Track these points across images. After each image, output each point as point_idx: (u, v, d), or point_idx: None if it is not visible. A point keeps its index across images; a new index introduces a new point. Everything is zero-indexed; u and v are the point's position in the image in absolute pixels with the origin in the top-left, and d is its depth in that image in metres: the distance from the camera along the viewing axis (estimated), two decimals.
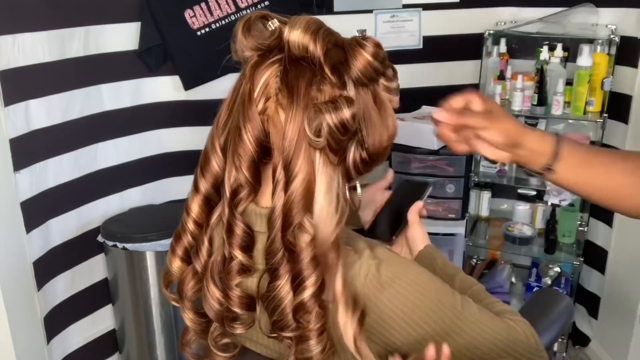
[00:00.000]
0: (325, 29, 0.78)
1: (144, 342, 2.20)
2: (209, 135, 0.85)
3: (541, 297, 1.29)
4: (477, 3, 2.33)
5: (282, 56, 0.78)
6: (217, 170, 0.83)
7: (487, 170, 2.32)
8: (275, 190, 0.77)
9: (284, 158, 0.76)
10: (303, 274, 0.75)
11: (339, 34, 0.81)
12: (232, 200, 0.80)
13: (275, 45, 0.79)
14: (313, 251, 0.76)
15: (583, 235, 2.30)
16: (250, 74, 0.79)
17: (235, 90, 0.83)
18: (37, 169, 1.90)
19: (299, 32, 0.76)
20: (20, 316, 1.84)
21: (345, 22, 2.24)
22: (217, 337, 0.90)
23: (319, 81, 0.77)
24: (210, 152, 0.83)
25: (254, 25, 0.79)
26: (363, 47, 0.79)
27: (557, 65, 2.18)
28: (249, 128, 0.78)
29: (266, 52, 0.79)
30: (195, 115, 2.25)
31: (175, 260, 0.88)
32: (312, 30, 0.76)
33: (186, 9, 2.15)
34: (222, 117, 0.83)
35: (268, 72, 0.78)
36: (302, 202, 0.75)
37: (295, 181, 0.75)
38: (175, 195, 2.35)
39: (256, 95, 0.77)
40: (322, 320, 0.77)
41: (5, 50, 1.76)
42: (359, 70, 0.78)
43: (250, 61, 0.80)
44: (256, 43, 0.79)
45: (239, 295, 0.81)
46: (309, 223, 0.76)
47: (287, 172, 0.76)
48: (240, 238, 0.80)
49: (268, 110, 0.78)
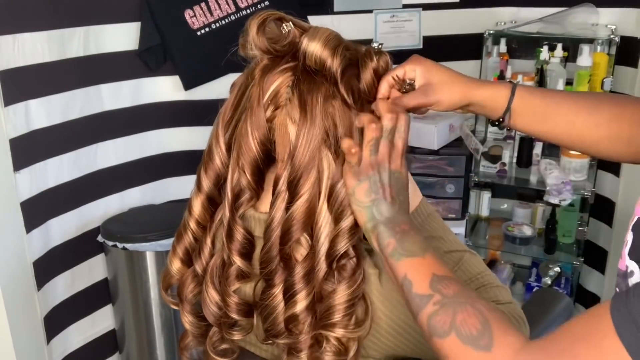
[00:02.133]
0: (344, 45, 0.77)
1: (144, 342, 2.20)
2: (212, 133, 0.83)
3: (541, 297, 1.29)
4: (477, 3, 2.33)
5: (295, 65, 0.76)
6: (220, 167, 0.82)
7: (487, 170, 2.32)
8: (275, 201, 0.76)
9: (290, 174, 0.75)
10: (295, 288, 0.75)
11: (355, 48, 0.80)
12: (234, 203, 0.79)
13: (289, 51, 0.77)
14: (307, 267, 0.75)
15: (583, 235, 2.30)
16: (259, 76, 0.77)
17: (240, 89, 0.81)
18: (37, 169, 1.90)
19: (319, 45, 0.74)
20: (20, 316, 1.83)
21: (345, 22, 2.23)
22: (216, 342, 0.88)
23: (332, 97, 0.76)
24: (215, 149, 0.82)
25: (269, 24, 0.78)
26: (372, 60, 0.79)
27: (557, 65, 2.18)
28: (255, 134, 0.77)
29: (277, 57, 0.78)
30: (195, 115, 2.25)
31: (176, 261, 0.87)
32: (331, 45, 0.75)
33: (186, 9, 2.15)
34: (226, 114, 0.82)
35: (279, 80, 0.76)
36: (304, 220, 0.75)
37: (299, 200, 0.74)
38: (175, 195, 2.35)
39: (265, 102, 0.76)
40: (314, 331, 0.76)
41: (5, 50, 1.76)
42: (366, 83, 0.78)
43: (260, 63, 0.79)
44: (268, 45, 0.77)
45: (237, 302, 0.81)
46: (307, 239, 0.76)
47: (292, 189, 0.75)
48: (239, 244, 0.79)
49: (276, 120, 0.77)
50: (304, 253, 0.76)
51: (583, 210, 2.32)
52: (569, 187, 2.08)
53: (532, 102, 0.87)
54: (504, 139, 2.39)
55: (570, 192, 2.08)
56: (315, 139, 0.74)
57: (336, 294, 0.75)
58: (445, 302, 0.66)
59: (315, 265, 0.75)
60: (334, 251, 0.75)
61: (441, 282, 0.67)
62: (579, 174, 2.18)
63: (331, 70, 0.75)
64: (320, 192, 0.75)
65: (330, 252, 0.76)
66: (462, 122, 2.32)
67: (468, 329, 0.63)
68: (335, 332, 0.75)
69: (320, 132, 0.75)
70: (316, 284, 0.76)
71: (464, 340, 0.63)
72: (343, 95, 0.76)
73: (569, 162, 2.17)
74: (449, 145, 2.25)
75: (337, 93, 0.76)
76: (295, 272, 0.75)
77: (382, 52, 0.80)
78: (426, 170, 2.24)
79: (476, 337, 0.62)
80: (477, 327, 0.63)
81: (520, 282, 2.46)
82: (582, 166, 2.18)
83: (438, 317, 0.65)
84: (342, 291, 0.75)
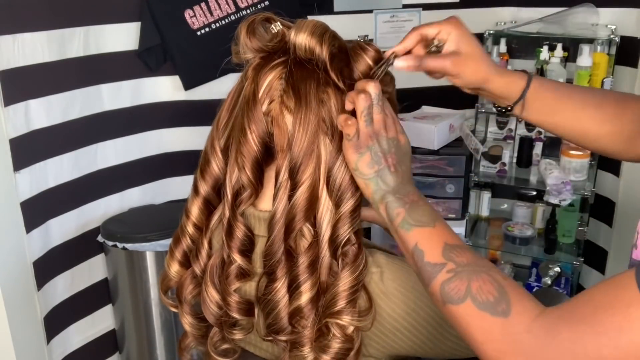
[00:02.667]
0: (331, 33, 0.79)
1: (144, 342, 2.20)
2: (208, 137, 0.84)
3: (541, 297, 1.28)
4: (477, 3, 2.33)
5: (287, 58, 0.78)
6: (217, 172, 0.82)
7: (487, 170, 2.32)
8: (277, 193, 0.77)
9: (290, 162, 0.76)
10: (299, 279, 0.75)
11: (342, 39, 0.81)
12: (234, 202, 0.79)
13: (279, 47, 0.79)
14: (311, 256, 0.76)
15: (583, 235, 2.30)
16: (253, 75, 0.79)
17: (236, 91, 0.83)
18: (37, 169, 1.90)
19: (306, 35, 0.76)
20: (20, 316, 1.84)
21: (345, 22, 2.23)
22: (217, 343, 0.88)
23: (324, 84, 0.77)
24: (210, 154, 0.83)
25: (257, 27, 0.79)
26: (365, 51, 0.79)
27: (557, 65, 2.18)
28: (253, 128, 0.77)
29: (269, 54, 0.79)
30: (195, 115, 2.25)
31: (174, 264, 0.87)
32: (318, 33, 0.77)
33: (186, 9, 2.15)
34: (222, 118, 0.83)
35: (272, 74, 0.77)
36: (306, 208, 0.75)
37: (301, 188, 0.75)
38: (175, 195, 2.35)
39: (260, 96, 0.77)
40: (317, 327, 0.77)
41: (5, 50, 1.76)
42: (361, 73, 0.79)
43: (253, 63, 0.80)
44: (259, 45, 0.79)
45: (237, 300, 0.81)
46: (310, 229, 0.76)
47: (293, 178, 0.76)
48: (239, 241, 0.79)
49: (272, 112, 0.78)
50: (307, 244, 0.76)
51: (583, 210, 2.32)
52: (569, 187, 2.08)
53: (544, 94, 0.88)
54: (504, 139, 2.39)
55: (570, 192, 2.08)
56: (311, 123, 0.76)
57: (340, 280, 0.76)
58: (459, 270, 0.66)
59: (319, 254, 0.76)
60: (336, 237, 0.76)
61: (453, 250, 0.68)
62: (579, 174, 2.18)
63: (321, 56, 0.77)
64: (319, 178, 0.76)
65: (333, 238, 0.76)
66: (462, 122, 2.32)
67: (485, 296, 0.63)
68: (342, 320, 0.76)
69: (316, 118, 0.76)
70: (321, 274, 0.76)
71: (480, 306, 0.63)
72: (334, 79, 0.77)
73: (569, 162, 2.17)
74: (449, 145, 2.25)
75: (329, 79, 0.77)
76: (300, 262, 0.76)
77: (369, 43, 0.81)
78: (426, 170, 2.24)
79: (493, 303, 0.62)
80: (494, 293, 0.63)
81: (520, 282, 2.46)
82: (582, 166, 2.18)
83: (452, 284, 0.65)
84: (345, 277, 0.76)
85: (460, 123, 2.31)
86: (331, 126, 0.77)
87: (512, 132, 2.38)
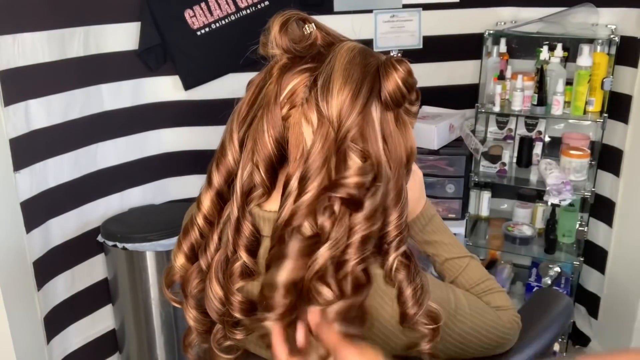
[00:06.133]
0: (369, 53, 0.79)
1: (144, 342, 2.20)
2: (226, 129, 0.83)
3: (541, 297, 1.28)
4: (477, 3, 2.33)
5: (315, 66, 0.77)
6: (231, 164, 0.81)
7: (487, 170, 2.32)
8: (285, 200, 0.75)
9: (302, 172, 0.75)
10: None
11: (377, 55, 0.80)
12: (245, 199, 0.79)
13: (309, 52, 0.78)
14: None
15: (583, 235, 2.30)
16: (278, 75, 0.78)
17: (257, 86, 0.81)
18: (37, 169, 1.90)
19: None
20: (20, 316, 1.84)
21: (345, 22, 2.23)
22: (220, 339, 0.87)
23: None
24: (228, 145, 0.81)
25: (291, 25, 0.78)
26: (396, 70, 0.78)
27: (557, 65, 2.18)
28: (271, 131, 0.77)
29: (297, 57, 0.78)
30: (195, 115, 2.25)
31: (180, 257, 0.86)
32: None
33: (186, 9, 2.15)
34: (242, 111, 0.82)
35: (297, 79, 0.77)
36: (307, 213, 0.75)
37: (307, 195, 0.74)
38: (175, 195, 2.35)
39: (282, 100, 0.76)
40: None
41: (5, 50, 1.76)
42: (388, 92, 0.78)
43: (280, 61, 0.79)
44: (289, 45, 0.77)
45: (240, 300, 0.80)
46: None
47: (302, 185, 0.74)
48: (247, 239, 0.79)
49: (291, 118, 0.77)
50: None
51: (583, 210, 2.32)
52: (569, 187, 2.08)
53: None
54: (504, 139, 2.39)
55: (570, 192, 2.08)
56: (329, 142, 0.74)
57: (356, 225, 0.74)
58: None
59: None
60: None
61: None
62: (579, 174, 2.18)
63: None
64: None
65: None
66: (462, 122, 2.32)
67: None
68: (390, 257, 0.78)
69: None
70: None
71: None
72: (362, 100, 0.76)
73: (569, 162, 2.18)
74: (449, 145, 2.25)
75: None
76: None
77: (402, 59, 0.80)
78: (426, 170, 2.24)
79: None
80: None
81: (520, 282, 2.46)
82: (582, 166, 2.18)
83: None
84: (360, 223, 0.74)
85: (460, 123, 2.31)
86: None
87: (512, 132, 2.38)
